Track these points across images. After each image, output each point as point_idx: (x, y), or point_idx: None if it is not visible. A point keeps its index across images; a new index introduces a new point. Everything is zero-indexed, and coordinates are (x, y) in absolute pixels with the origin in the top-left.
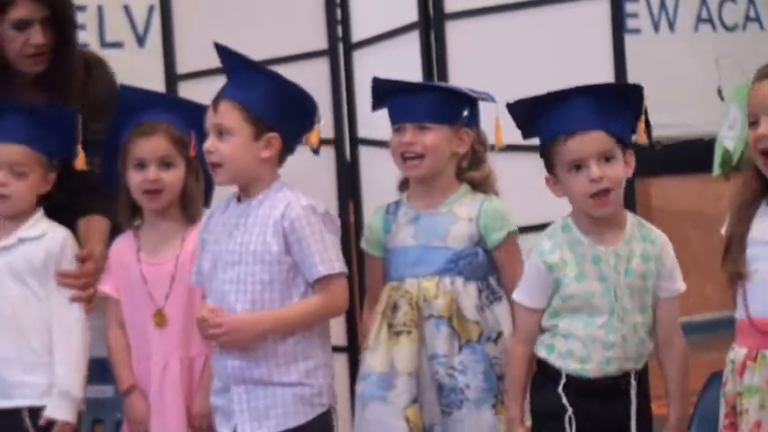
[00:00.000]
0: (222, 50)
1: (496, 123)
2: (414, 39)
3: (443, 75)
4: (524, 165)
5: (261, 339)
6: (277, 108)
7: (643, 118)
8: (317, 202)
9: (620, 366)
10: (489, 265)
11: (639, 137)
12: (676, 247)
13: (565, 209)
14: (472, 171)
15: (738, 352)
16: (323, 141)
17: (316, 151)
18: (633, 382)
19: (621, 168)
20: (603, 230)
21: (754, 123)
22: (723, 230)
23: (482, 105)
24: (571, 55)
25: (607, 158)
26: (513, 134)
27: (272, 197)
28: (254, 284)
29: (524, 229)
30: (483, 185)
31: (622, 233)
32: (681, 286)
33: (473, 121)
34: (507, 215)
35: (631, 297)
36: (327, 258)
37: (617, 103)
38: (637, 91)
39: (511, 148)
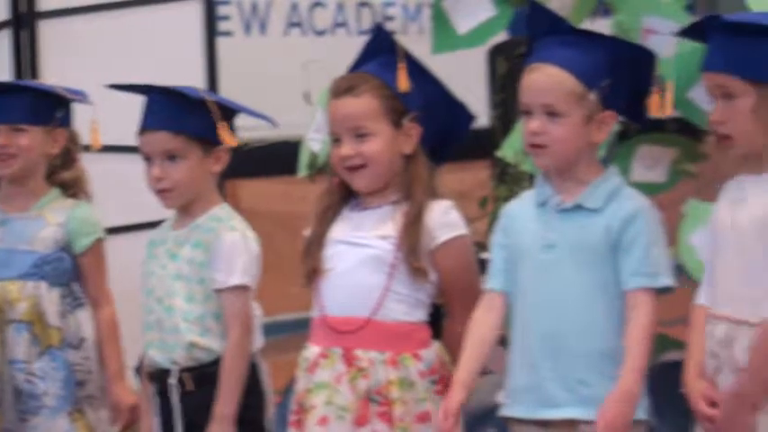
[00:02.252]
0: None
1: (93, 125)
2: (4, 38)
3: (35, 74)
4: (123, 165)
5: None
6: None
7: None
8: None
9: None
10: (74, 270)
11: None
12: (262, 248)
13: (162, 211)
14: (64, 171)
15: (312, 350)
16: None
17: None
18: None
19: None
20: None
21: (337, 141)
22: (305, 232)
23: (78, 106)
24: (165, 56)
25: (170, 157)
26: (111, 135)
27: None
28: None
29: (122, 229)
30: (75, 186)
31: None
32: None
33: (65, 120)
34: (96, 221)
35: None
36: None
37: (190, 106)
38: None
39: (109, 148)
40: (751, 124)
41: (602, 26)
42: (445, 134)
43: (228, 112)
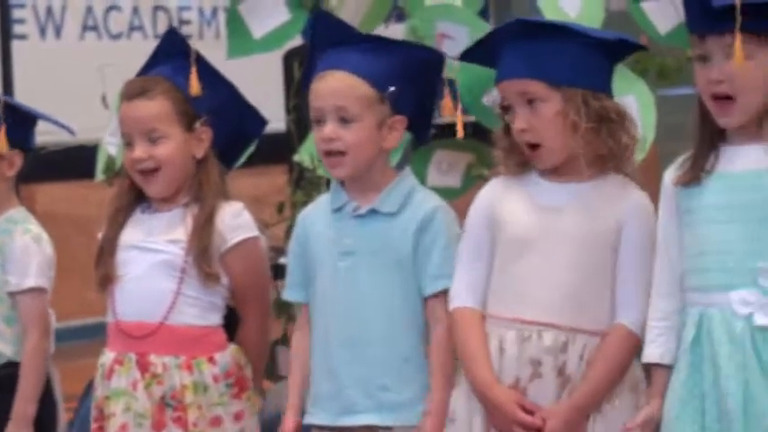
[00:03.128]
0: None
1: None
2: None
3: None
4: None
5: None
6: None
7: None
8: None
9: None
10: None
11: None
12: (59, 252)
13: None
14: None
15: (108, 356)
16: None
17: None
18: None
19: None
20: None
21: (129, 144)
22: (100, 235)
23: None
24: None
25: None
26: None
27: None
28: None
29: None
30: None
31: None
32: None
33: None
34: None
35: None
36: None
37: None
38: None
39: None
40: (560, 130)
41: (396, 31)
42: (237, 138)
43: (27, 116)
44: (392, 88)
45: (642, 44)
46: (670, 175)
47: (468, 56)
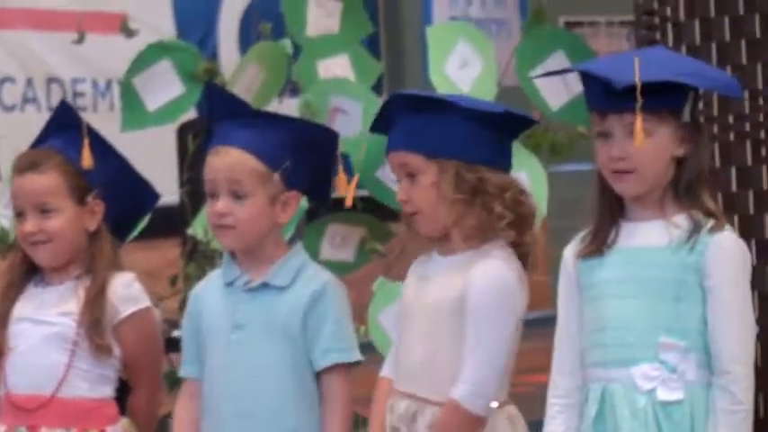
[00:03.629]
0: None
1: None
2: None
3: None
4: None
5: None
6: None
7: None
8: None
9: None
10: None
11: None
12: None
13: None
14: None
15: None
16: None
17: None
18: None
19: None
20: None
21: (21, 216)
22: None
23: None
24: None
25: None
26: None
27: None
28: None
29: None
30: None
31: None
32: None
33: None
34: None
35: None
36: None
37: None
38: None
39: None
40: (434, 201)
41: (291, 105)
42: (130, 211)
43: None
44: (285, 165)
45: (529, 116)
46: (571, 249)
47: (374, 128)
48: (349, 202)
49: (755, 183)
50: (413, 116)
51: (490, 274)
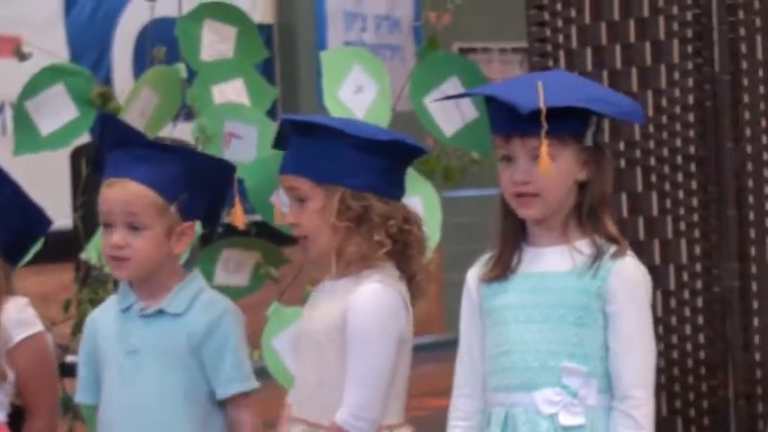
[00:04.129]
0: None
1: None
2: None
3: None
4: None
5: None
6: None
7: None
8: None
9: None
10: None
11: None
12: None
13: None
14: None
15: None
16: None
17: None
18: None
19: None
20: None
21: None
22: None
23: None
24: None
25: None
26: None
27: None
28: None
29: None
30: None
31: None
32: None
33: None
34: None
35: None
36: None
37: None
38: None
39: None
40: (319, 226)
41: (184, 130)
42: (22, 236)
43: None
44: (182, 197)
45: (418, 145)
46: (473, 273)
47: (276, 145)
48: (241, 226)
49: (645, 209)
50: (302, 141)
51: (367, 298)
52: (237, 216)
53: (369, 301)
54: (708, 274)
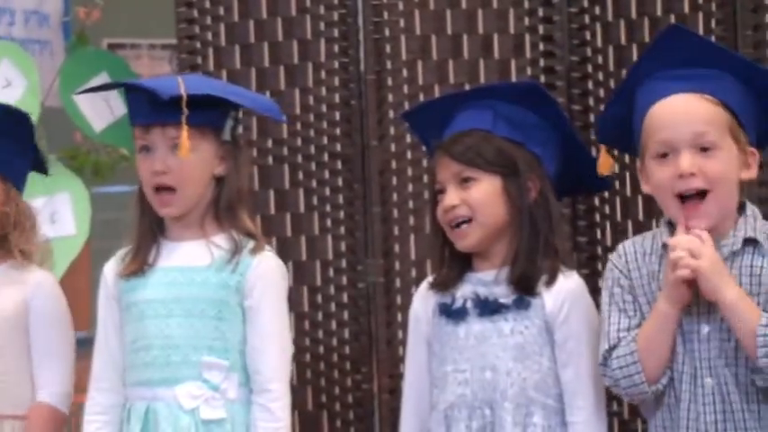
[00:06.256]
0: None
1: None
2: None
3: None
4: None
5: None
6: None
7: None
8: None
9: None
10: None
11: None
12: None
13: None
14: None
15: None
16: None
17: None
18: None
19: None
20: None
21: None
22: None
23: None
24: None
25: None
26: None
27: None
28: None
29: None
30: None
31: None
32: None
33: None
34: None
35: None
36: None
37: None
38: None
39: None
40: None
41: None
42: None
43: None
44: None
45: None
46: (111, 267)
47: None
48: None
49: (293, 206)
50: None
51: (46, 284)
52: None
53: (47, 288)
54: (353, 270)
